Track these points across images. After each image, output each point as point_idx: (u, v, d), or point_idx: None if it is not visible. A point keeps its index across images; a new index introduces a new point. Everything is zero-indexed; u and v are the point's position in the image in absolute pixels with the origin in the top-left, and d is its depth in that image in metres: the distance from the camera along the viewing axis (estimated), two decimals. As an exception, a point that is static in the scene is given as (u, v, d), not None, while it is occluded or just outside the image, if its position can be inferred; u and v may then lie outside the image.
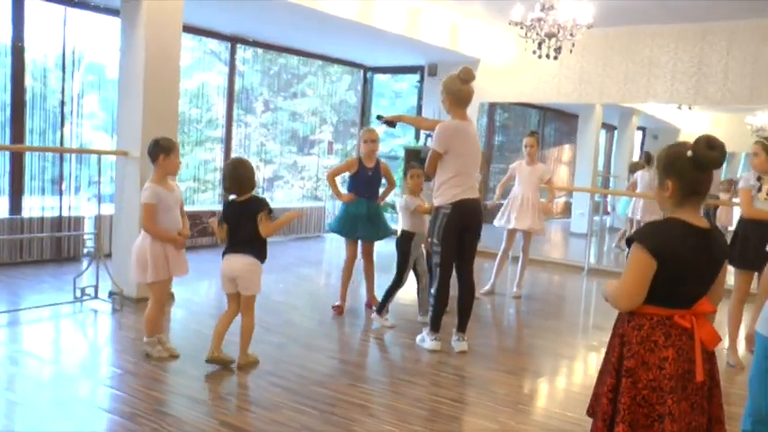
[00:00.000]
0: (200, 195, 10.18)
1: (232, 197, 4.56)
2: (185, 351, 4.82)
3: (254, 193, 4.56)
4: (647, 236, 2.33)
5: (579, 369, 5.30)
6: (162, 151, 4.56)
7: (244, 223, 4.46)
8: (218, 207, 9.93)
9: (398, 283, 5.85)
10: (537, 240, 11.86)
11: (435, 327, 5.20)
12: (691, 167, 2.28)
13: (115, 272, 6.15)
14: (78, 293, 6.07)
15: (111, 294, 6.09)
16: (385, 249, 7.21)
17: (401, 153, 11.74)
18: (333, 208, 10.86)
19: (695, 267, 2.32)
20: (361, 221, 6.08)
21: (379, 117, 5.82)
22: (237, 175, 4.46)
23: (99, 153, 6.63)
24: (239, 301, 4.61)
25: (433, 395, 4.29)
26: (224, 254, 4.61)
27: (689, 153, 2.27)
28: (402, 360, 5.08)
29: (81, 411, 3.80)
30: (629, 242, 2.35)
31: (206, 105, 10.17)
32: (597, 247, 10.76)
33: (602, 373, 2.57)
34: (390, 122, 5.79)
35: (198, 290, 7.07)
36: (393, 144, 13.94)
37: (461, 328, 5.25)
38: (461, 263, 5.18)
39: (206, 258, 8.39)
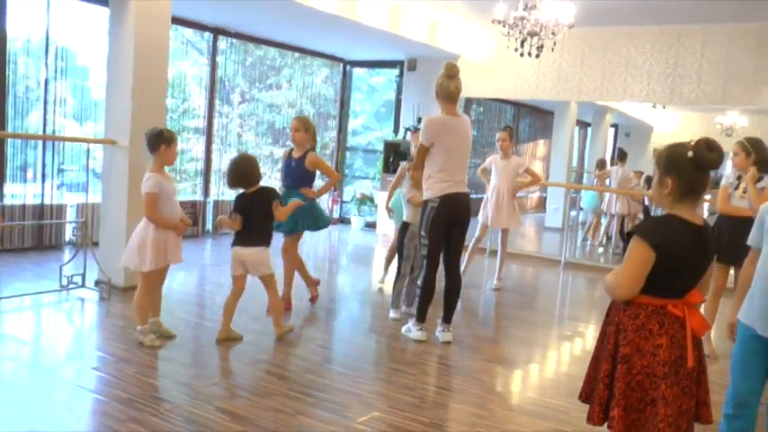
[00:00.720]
0: (176, 186, 10.18)
1: (241, 190, 4.89)
2: (174, 340, 4.89)
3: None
4: (647, 230, 2.46)
5: (559, 358, 5.46)
6: (164, 142, 4.68)
7: (256, 212, 4.86)
8: (197, 198, 9.94)
9: (397, 274, 5.96)
10: (513, 234, 12.07)
11: (421, 317, 5.31)
12: (691, 167, 2.42)
13: (102, 260, 6.17)
14: (65, 282, 6.08)
15: (97, 283, 6.12)
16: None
17: (380, 146, 11.85)
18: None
19: (690, 261, 2.47)
20: None
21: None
22: (244, 171, 4.85)
23: (87, 141, 6.65)
24: (245, 282, 4.99)
25: (421, 383, 4.42)
26: (234, 243, 4.90)
27: (690, 154, 2.41)
28: (389, 349, 5.20)
29: (78, 397, 3.86)
30: (629, 235, 2.49)
31: (182, 96, 10.16)
32: (572, 241, 10.96)
33: (596, 359, 2.70)
34: None
35: (179, 279, 7.10)
36: (371, 137, 14.03)
37: (447, 319, 5.36)
38: (448, 256, 5.29)
39: (186, 249, 8.41)
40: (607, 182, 11.63)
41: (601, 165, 11.90)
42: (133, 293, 5.86)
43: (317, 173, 6.05)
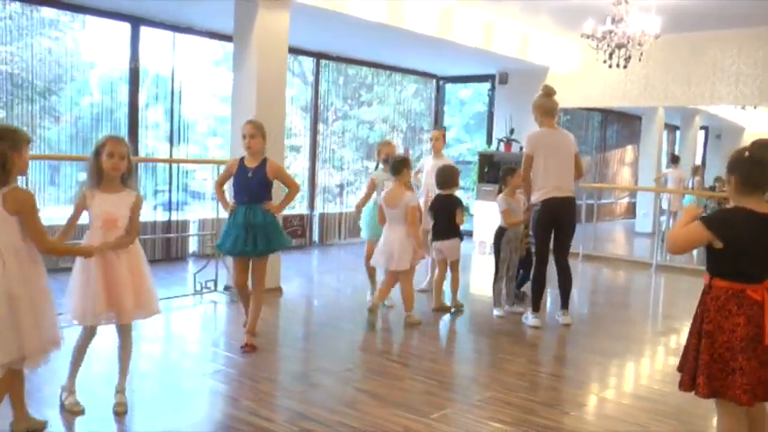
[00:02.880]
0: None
1: (439, 192, 6.43)
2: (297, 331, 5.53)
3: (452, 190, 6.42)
4: (710, 217, 2.98)
5: (654, 350, 5.81)
6: (406, 165, 5.97)
7: (444, 211, 6.30)
8: (304, 212, 10.66)
9: (495, 276, 6.49)
10: (604, 240, 12.36)
11: (536, 307, 6.06)
12: (749, 165, 2.90)
13: (231, 267, 6.88)
14: (198, 287, 6.83)
15: (226, 288, 6.86)
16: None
17: (471, 158, 12.34)
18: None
19: (757, 247, 2.90)
20: (239, 233, 4.98)
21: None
22: (441, 176, 6.39)
23: (216, 163, 7.41)
24: (446, 266, 6.52)
25: (531, 371, 4.91)
26: (433, 239, 6.49)
27: (746, 154, 2.91)
28: (496, 342, 5.68)
29: (230, 377, 4.51)
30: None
31: (281, 115, 10.87)
32: (663, 245, 11.14)
33: (688, 335, 3.15)
34: None
35: (296, 284, 7.78)
36: (462, 149, 14.53)
37: (564, 305, 6.15)
38: (557, 254, 5.98)
39: (296, 258, 9.18)
40: (669, 183, 12.23)
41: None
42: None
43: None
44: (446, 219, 6.28)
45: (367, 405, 4.03)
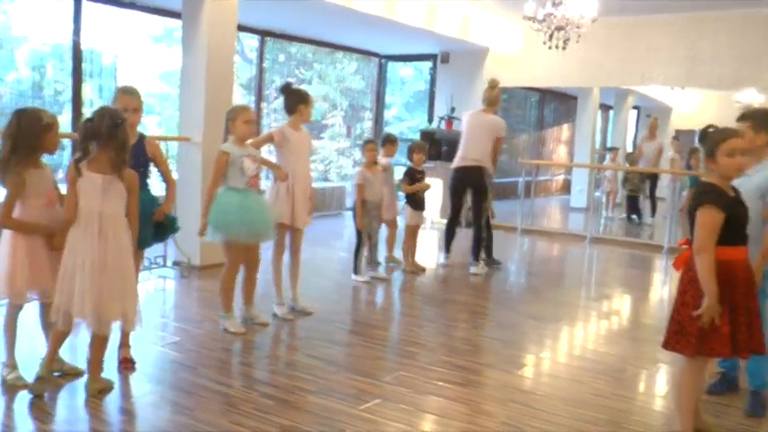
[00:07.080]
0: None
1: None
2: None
3: None
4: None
5: (591, 316, 6.15)
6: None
7: None
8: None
9: (359, 245, 6.73)
10: (540, 215, 12.77)
11: (477, 256, 7.39)
12: None
13: (181, 243, 6.94)
14: (147, 263, 6.87)
15: (175, 263, 6.92)
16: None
17: (413, 135, 12.57)
18: (351, 187, 11.31)
19: None
20: None
21: None
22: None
23: (166, 139, 7.44)
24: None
25: (475, 335, 5.22)
26: None
27: None
28: (442, 309, 5.97)
29: (188, 347, 4.64)
30: None
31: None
32: (598, 220, 11.64)
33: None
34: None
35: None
36: (403, 127, 14.75)
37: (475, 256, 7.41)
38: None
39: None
40: None
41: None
42: (208, 272, 6.67)
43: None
44: None
45: (322, 371, 4.23)
